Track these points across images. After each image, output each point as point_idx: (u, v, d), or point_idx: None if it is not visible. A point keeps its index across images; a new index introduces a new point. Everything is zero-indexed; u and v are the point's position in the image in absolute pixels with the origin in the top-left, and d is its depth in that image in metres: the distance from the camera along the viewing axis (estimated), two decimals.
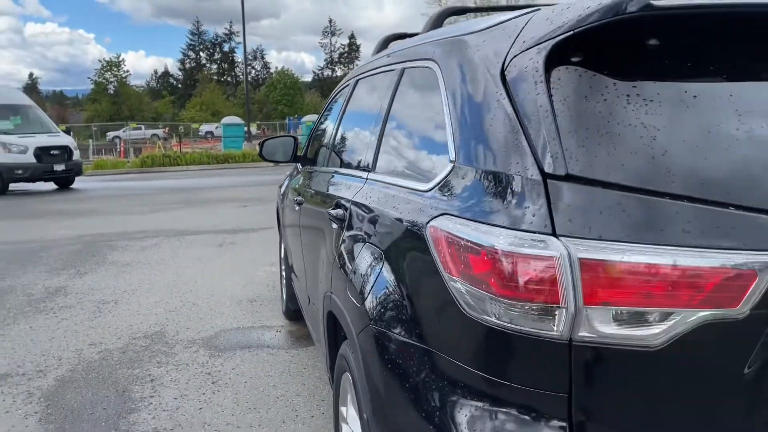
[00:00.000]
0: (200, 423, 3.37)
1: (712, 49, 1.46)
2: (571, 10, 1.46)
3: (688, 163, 1.32)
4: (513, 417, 1.37)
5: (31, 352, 4.49)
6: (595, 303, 1.25)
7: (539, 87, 1.45)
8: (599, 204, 1.29)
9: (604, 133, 1.37)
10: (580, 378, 1.29)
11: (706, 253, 1.22)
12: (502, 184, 1.44)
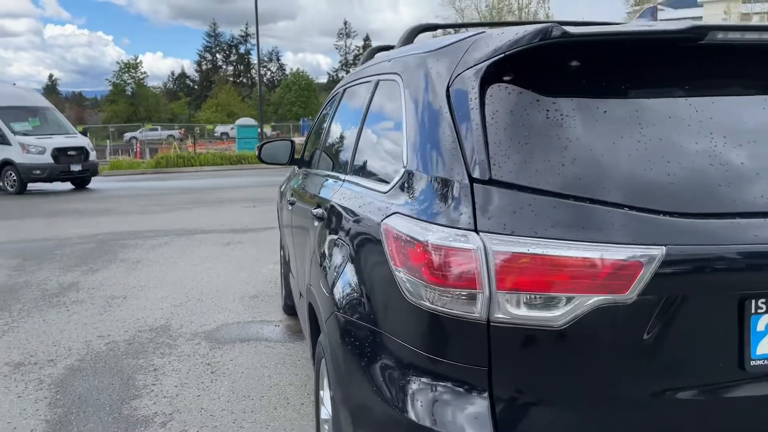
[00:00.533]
0: (198, 409, 3.61)
1: (617, 70, 1.66)
2: (504, 35, 1.67)
3: (591, 170, 1.52)
4: (448, 389, 1.58)
5: (44, 343, 4.75)
6: (507, 289, 1.45)
7: (473, 103, 1.66)
8: (514, 204, 1.50)
9: (525, 143, 1.57)
10: (497, 353, 1.50)
11: (600, 247, 1.43)
12: (440, 187, 1.65)
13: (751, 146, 1.59)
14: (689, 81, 1.68)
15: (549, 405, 1.52)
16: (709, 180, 1.53)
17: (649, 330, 1.47)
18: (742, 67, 1.72)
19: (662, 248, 1.42)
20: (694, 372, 1.53)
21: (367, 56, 3.35)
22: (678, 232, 1.45)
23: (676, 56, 1.67)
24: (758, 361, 1.53)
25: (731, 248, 1.47)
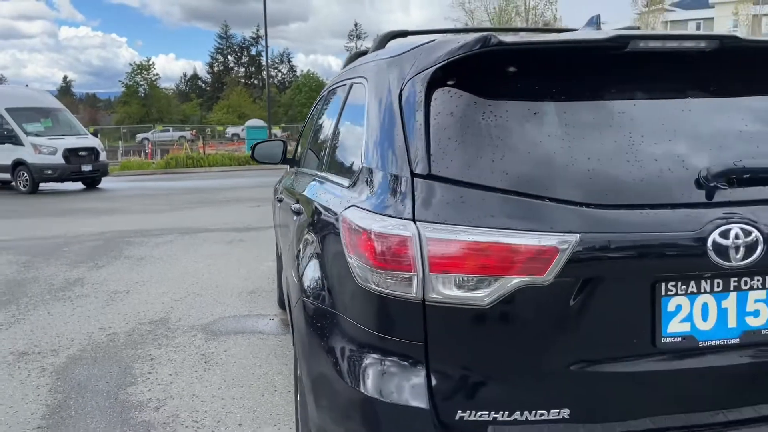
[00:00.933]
0: (189, 395, 3.80)
1: (548, 75, 1.83)
2: (449, 43, 1.85)
3: (517, 165, 1.69)
4: (392, 363, 1.75)
5: (48, 334, 4.97)
6: (439, 271, 1.63)
7: (419, 105, 1.84)
8: (449, 197, 1.67)
9: (462, 142, 1.75)
10: (432, 330, 1.67)
11: (521, 234, 1.60)
12: (390, 182, 1.83)
13: (665, 144, 1.75)
14: (613, 85, 1.85)
15: (478, 375, 1.69)
16: (623, 175, 1.69)
17: (567, 308, 1.63)
18: (663, 72, 1.88)
19: (576, 235, 1.59)
20: (610, 347, 1.69)
21: (348, 60, 3.53)
22: (592, 221, 1.62)
23: (603, 62, 1.84)
24: (668, 338, 1.69)
25: (642, 236, 1.63)
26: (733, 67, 1.91)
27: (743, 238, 1.63)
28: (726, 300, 1.72)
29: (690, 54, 1.83)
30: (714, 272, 1.67)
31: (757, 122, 1.87)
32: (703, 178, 1.68)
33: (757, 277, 1.72)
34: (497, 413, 1.69)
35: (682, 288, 1.69)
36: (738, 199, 1.69)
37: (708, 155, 1.75)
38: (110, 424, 3.45)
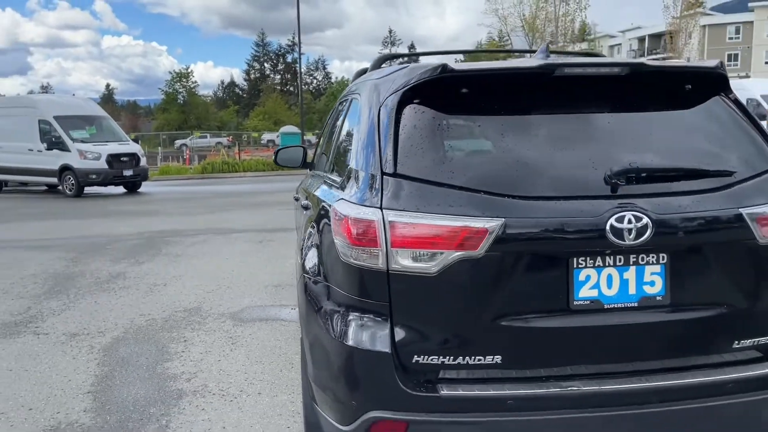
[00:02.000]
0: (217, 370, 4.35)
1: (490, 94, 2.31)
2: (415, 70, 2.35)
3: (461, 166, 2.18)
4: (367, 319, 2.23)
5: (95, 319, 5.59)
6: (398, 247, 2.12)
7: (391, 119, 2.33)
8: (408, 190, 2.16)
9: (421, 148, 2.24)
10: (394, 293, 2.16)
11: (460, 219, 2.08)
12: (368, 179, 2.32)
13: (580, 150, 2.22)
14: (543, 102, 2.32)
15: (429, 327, 2.17)
16: (544, 173, 2.17)
17: (496, 276, 2.11)
18: (583, 92, 2.35)
19: (502, 219, 2.07)
20: (533, 307, 2.16)
21: (355, 76, 4.04)
22: (516, 209, 2.09)
23: (536, 84, 2.32)
24: (579, 302, 2.15)
25: (555, 221, 2.10)
26: (640, 87, 2.37)
27: (635, 223, 2.08)
28: (627, 272, 2.17)
29: (606, 77, 2.30)
30: (613, 249, 2.12)
31: (655, 132, 2.32)
32: (606, 176, 2.14)
33: (652, 254, 2.17)
34: (445, 358, 2.16)
35: (590, 262, 2.15)
36: (633, 193, 2.14)
37: (612, 158, 2.20)
38: (149, 391, 4.01)
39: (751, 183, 2.24)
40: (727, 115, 2.43)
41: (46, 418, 3.66)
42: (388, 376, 2.15)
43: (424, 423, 2.14)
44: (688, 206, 2.16)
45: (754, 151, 2.35)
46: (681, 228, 2.15)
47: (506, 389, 2.15)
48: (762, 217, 2.19)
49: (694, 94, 2.44)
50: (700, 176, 2.23)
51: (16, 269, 7.80)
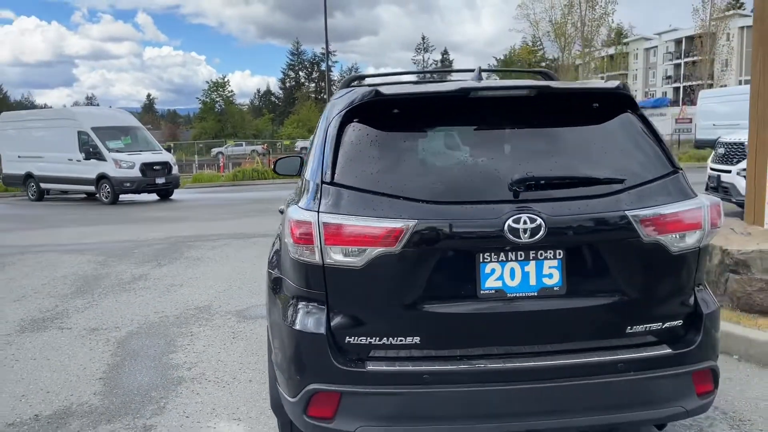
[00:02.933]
0: (216, 360, 4.79)
1: (416, 113, 2.69)
2: (356, 93, 2.74)
3: (385, 176, 2.55)
4: (313, 304, 2.61)
5: (114, 316, 6.10)
6: (330, 244, 2.50)
7: (334, 135, 2.72)
8: (341, 196, 2.55)
9: (354, 160, 2.62)
10: (329, 283, 2.54)
11: (381, 220, 2.46)
12: (313, 188, 2.72)
13: (489, 161, 2.58)
14: (461, 119, 2.70)
15: (358, 313, 2.55)
16: (455, 181, 2.53)
17: (412, 268, 2.48)
18: (495, 110, 2.71)
19: (416, 221, 2.44)
20: (446, 296, 2.52)
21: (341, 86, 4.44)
22: (429, 212, 2.46)
23: (456, 104, 2.69)
24: (486, 291, 2.50)
25: (462, 222, 2.46)
26: (549, 105, 2.72)
27: (529, 224, 2.43)
28: (528, 266, 2.51)
29: (516, 97, 2.67)
30: (513, 246, 2.47)
31: (559, 144, 2.67)
32: (508, 183, 2.50)
33: (549, 250, 2.51)
34: (372, 339, 2.54)
35: (494, 257, 2.50)
36: (531, 198, 2.49)
37: (516, 168, 2.55)
38: (153, 378, 4.47)
39: (638, 189, 2.57)
40: (629, 130, 2.75)
41: (61, 399, 4.15)
42: (325, 354, 2.54)
43: (354, 394, 2.52)
44: (580, 209, 2.50)
45: (648, 162, 2.67)
46: (573, 228, 2.50)
47: (423, 366, 2.52)
48: (645, 219, 2.51)
49: (602, 111, 2.78)
50: (592, 183, 2.57)
51: (49, 271, 8.41)
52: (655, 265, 2.58)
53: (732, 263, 4.96)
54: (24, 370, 4.71)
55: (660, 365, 2.58)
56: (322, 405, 2.55)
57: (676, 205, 2.58)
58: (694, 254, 2.63)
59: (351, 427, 2.52)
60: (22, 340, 5.44)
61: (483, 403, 2.52)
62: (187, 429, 3.67)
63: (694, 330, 2.65)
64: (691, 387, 2.61)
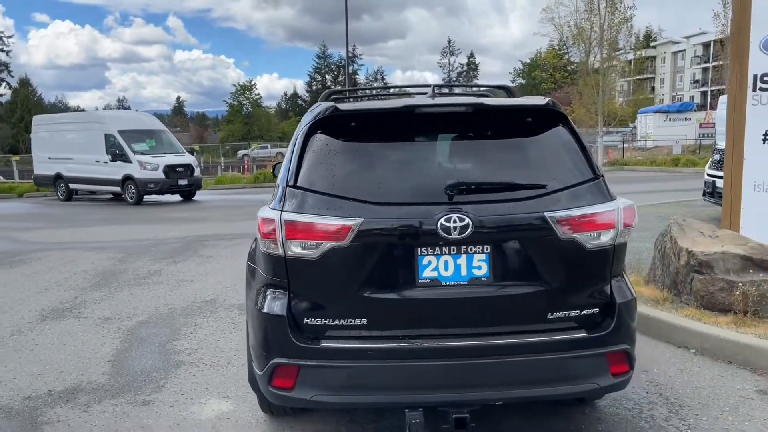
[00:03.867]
0: (215, 347, 5.25)
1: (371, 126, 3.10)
2: (320, 107, 3.17)
3: (339, 181, 2.96)
4: (279, 290, 3.04)
5: (128, 307, 6.61)
6: (290, 239, 2.92)
7: (300, 144, 3.14)
8: (302, 198, 2.97)
9: (315, 166, 3.04)
10: (290, 272, 2.96)
11: (333, 218, 2.87)
12: (281, 191, 3.14)
13: (429, 168, 2.98)
14: (407, 131, 3.10)
15: (314, 297, 2.97)
16: (398, 185, 2.93)
17: (359, 260, 2.89)
18: (439, 124, 3.11)
19: (362, 219, 2.85)
20: (388, 284, 2.92)
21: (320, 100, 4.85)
22: (373, 212, 2.86)
23: (404, 119, 3.10)
24: (423, 280, 2.90)
25: (401, 221, 2.86)
26: (482, 121, 3.11)
27: (458, 223, 2.82)
28: (459, 259, 2.90)
29: (456, 113, 3.06)
30: (445, 242, 2.86)
31: (487, 154, 3.06)
32: (444, 188, 2.89)
33: (478, 245, 2.89)
34: (326, 320, 2.95)
35: (430, 251, 2.89)
36: (462, 201, 2.87)
37: (452, 175, 2.95)
38: (156, 361, 4.94)
39: (558, 194, 2.95)
40: (557, 141, 3.13)
41: (73, 378, 4.64)
42: (286, 333, 2.96)
43: (310, 367, 2.94)
44: (505, 211, 2.89)
45: (572, 170, 3.05)
46: (498, 227, 2.88)
47: (368, 343, 2.92)
48: (561, 219, 2.89)
49: (535, 125, 3.16)
50: (517, 188, 2.95)
51: (71, 266, 8.99)
52: (573, 260, 2.95)
53: (696, 264, 5.27)
54: (42, 353, 5.22)
55: (576, 347, 2.95)
56: (283, 377, 2.97)
57: (590, 207, 2.95)
58: (608, 250, 3.00)
59: (307, 396, 2.95)
60: (42, 327, 5.97)
61: (420, 376, 2.92)
62: (180, 404, 4.12)
63: (609, 317, 3.01)
64: (605, 367, 2.98)
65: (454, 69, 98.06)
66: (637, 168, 30.87)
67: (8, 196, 24.03)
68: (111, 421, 3.90)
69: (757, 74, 6.08)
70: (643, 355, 4.77)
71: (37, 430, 3.80)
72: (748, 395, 4.00)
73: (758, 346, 4.45)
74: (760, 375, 4.31)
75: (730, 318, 4.98)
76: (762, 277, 4.97)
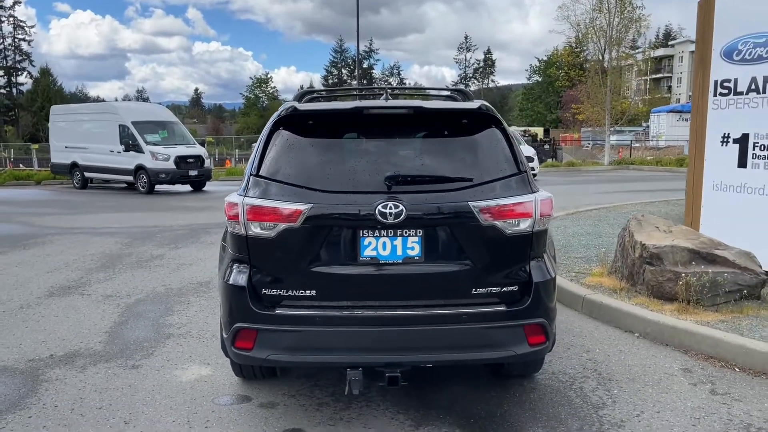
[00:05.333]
0: (203, 322, 5.76)
1: (326, 124, 3.56)
2: (284, 106, 3.64)
3: (294, 171, 3.43)
4: (242, 265, 3.51)
5: (127, 286, 7.15)
6: (251, 220, 3.40)
7: (266, 139, 3.61)
8: (263, 185, 3.44)
9: (277, 158, 3.51)
10: (252, 249, 3.44)
11: (287, 203, 3.34)
12: (246, 179, 3.61)
13: (373, 162, 3.44)
14: (358, 130, 3.56)
15: (271, 271, 3.44)
16: (344, 176, 3.39)
17: (310, 239, 3.36)
18: (386, 123, 3.57)
19: (311, 205, 3.32)
20: (334, 261, 3.38)
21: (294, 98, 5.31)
22: (322, 198, 3.32)
23: (355, 119, 3.56)
24: (364, 258, 3.36)
25: (346, 207, 3.32)
26: (422, 121, 3.57)
27: (393, 210, 3.27)
28: (396, 240, 3.36)
29: (400, 114, 3.53)
30: (383, 226, 3.31)
31: (424, 151, 3.51)
32: (383, 179, 3.35)
33: (412, 229, 3.35)
34: (281, 291, 3.43)
35: (371, 233, 3.35)
36: (399, 191, 3.32)
37: (392, 168, 3.40)
38: (148, 333, 5.46)
39: (483, 186, 3.40)
40: (488, 140, 3.57)
41: (72, 345, 5.16)
42: (246, 301, 3.44)
43: (267, 331, 3.42)
44: (435, 200, 3.34)
45: (499, 166, 3.49)
46: (428, 214, 3.34)
47: (316, 311, 3.40)
48: (484, 208, 3.34)
49: (470, 125, 3.61)
50: (446, 181, 3.41)
51: (80, 249, 9.55)
52: (494, 243, 3.40)
53: (648, 256, 5.69)
54: (47, 323, 5.76)
55: (497, 319, 3.41)
56: (244, 339, 3.46)
57: (510, 198, 3.39)
58: (527, 236, 3.45)
59: (263, 355, 3.43)
60: (49, 302, 6.51)
61: (359, 340, 3.39)
62: (165, 368, 4.63)
63: (527, 294, 3.46)
64: (522, 337, 3.43)
65: (470, 65, 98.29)
66: (642, 167, 31.04)
67: (26, 183, 24.77)
68: (102, 380, 4.41)
69: (717, 80, 6.47)
70: (591, 337, 5.23)
71: (38, 386, 4.32)
72: (672, 372, 4.43)
73: (692, 331, 4.86)
74: (690, 356, 4.73)
75: (675, 306, 5.39)
76: (704, 269, 5.38)
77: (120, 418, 3.82)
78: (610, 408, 3.89)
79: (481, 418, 3.78)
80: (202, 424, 3.74)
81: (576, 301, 6.02)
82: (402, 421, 3.73)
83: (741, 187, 6.30)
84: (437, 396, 4.08)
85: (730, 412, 3.81)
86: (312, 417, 3.82)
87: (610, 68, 31.27)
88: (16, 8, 75.07)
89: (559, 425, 3.67)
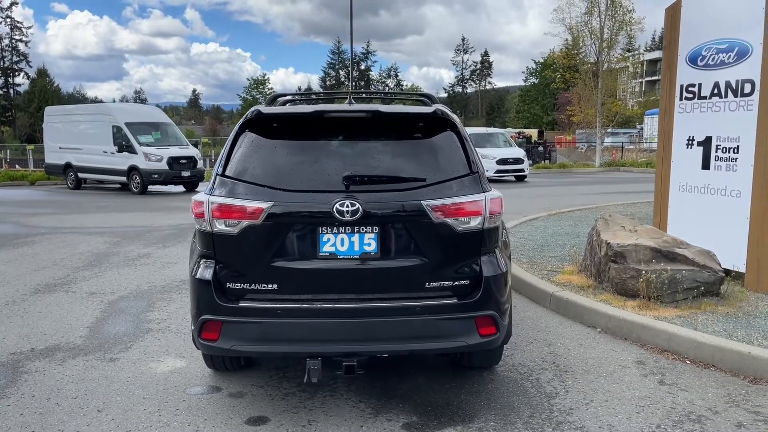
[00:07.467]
0: (182, 318, 5.94)
1: (291, 127, 3.76)
2: (250, 110, 3.83)
3: (259, 170, 3.62)
4: (209, 260, 3.70)
5: (112, 284, 7.33)
6: (216, 218, 3.59)
7: (233, 140, 3.80)
8: (228, 185, 3.63)
9: (242, 159, 3.70)
10: (217, 245, 3.63)
11: (250, 202, 3.53)
12: (213, 178, 3.80)
13: (332, 163, 3.63)
14: (319, 132, 3.76)
15: (235, 265, 3.62)
16: (305, 176, 3.58)
17: (271, 235, 3.55)
18: (345, 126, 3.76)
19: (272, 203, 3.51)
20: (295, 256, 3.57)
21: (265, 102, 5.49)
22: (282, 197, 3.52)
23: (316, 122, 3.76)
24: (323, 253, 3.55)
25: (305, 204, 3.52)
26: (381, 124, 3.76)
27: (350, 208, 3.47)
28: (353, 237, 3.55)
29: (359, 117, 3.72)
30: (341, 223, 3.50)
31: (380, 153, 3.70)
32: (341, 179, 3.54)
33: (368, 227, 3.54)
34: (245, 284, 3.61)
35: (329, 230, 3.54)
36: (356, 190, 3.51)
37: (350, 168, 3.59)
38: (129, 328, 5.64)
39: (435, 186, 3.59)
40: (443, 142, 3.76)
41: (54, 339, 5.35)
42: (212, 295, 3.62)
43: (231, 322, 3.60)
44: (389, 199, 3.54)
45: (453, 167, 3.68)
46: (384, 212, 3.53)
47: (278, 304, 3.58)
48: (435, 207, 3.53)
49: (426, 128, 3.80)
50: (401, 181, 3.60)
51: (69, 248, 9.73)
52: (446, 240, 3.59)
53: (612, 254, 5.89)
54: (31, 319, 5.94)
55: (449, 311, 3.60)
56: (210, 330, 3.65)
57: (460, 197, 3.59)
58: (478, 233, 3.64)
59: (227, 346, 3.62)
60: (34, 298, 6.70)
61: (318, 331, 3.58)
62: (141, 361, 4.82)
63: (478, 288, 3.65)
64: (473, 328, 3.62)
65: (467, 67, 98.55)
66: (632, 169, 31.30)
67: (20, 183, 24.91)
68: (80, 372, 4.60)
69: (683, 84, 6.67)
70: (555, 332, 5.42)
71: (18, 378, 4.51)
72: (626, 364, 4.63)
73: (649, 325, 5.06)
74: (645, 349, 4.93)
75: (637, 302, 5.60)
76: (663, 266, 5.58)
77: (94, 407, 4.01)
78: (561, 397, 4.08)
79: (438, 406, 3.97)
80: (172, 412, 3.93)
81: (544, 298, 6.22)
82: (362, 410, 3.92)
83: (705, 188, 6.50)
84: (399, 386, 4.27)
85: (674, 401, 4.00)
86: (277, 405, 4.00)
87: (602, 71, 31.49)
88: (13, 9, 75.39)
89: (510, 413, 3.87)
